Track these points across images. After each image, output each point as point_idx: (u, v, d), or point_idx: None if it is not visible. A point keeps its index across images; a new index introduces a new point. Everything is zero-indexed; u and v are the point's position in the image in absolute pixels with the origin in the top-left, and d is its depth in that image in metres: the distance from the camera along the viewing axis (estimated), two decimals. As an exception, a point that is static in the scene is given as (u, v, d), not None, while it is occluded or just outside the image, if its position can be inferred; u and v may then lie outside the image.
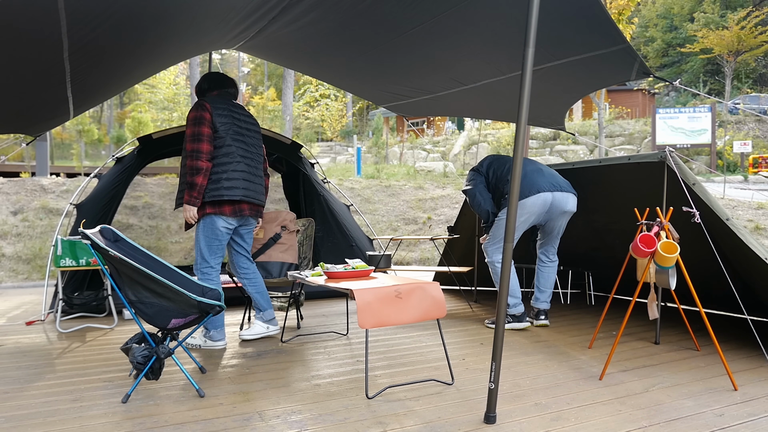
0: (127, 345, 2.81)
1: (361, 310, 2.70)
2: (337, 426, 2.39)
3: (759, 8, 25.41)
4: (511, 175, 2.46)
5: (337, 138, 29.12)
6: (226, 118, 3.59)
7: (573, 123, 21.03)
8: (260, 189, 3.77)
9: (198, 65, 15.88)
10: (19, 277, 7.11)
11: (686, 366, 3.27)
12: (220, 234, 3.59)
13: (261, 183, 3.79)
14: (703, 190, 3.37)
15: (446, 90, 4.72)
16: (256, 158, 3.77)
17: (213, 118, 3.53)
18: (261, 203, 3.79)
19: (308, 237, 4.51)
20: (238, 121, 3.68)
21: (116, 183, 4.99)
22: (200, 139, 3.48)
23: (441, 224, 9.68)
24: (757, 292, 3.87)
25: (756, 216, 9.26)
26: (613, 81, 3.89)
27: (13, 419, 2.47)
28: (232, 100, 3.77)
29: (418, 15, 3.42)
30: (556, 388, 2.87)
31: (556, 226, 4.35)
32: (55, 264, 4.31)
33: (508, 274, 2.45)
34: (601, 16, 3.02)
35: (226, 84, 3.80)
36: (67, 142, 20.85)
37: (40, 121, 4.21)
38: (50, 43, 2.75)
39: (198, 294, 3.02)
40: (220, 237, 3.60)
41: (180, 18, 3.15)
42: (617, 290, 5.48)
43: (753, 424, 2.41)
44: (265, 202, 3.91)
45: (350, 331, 4.21)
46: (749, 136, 17.16)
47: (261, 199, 3.78)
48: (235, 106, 3.72)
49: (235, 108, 3.72)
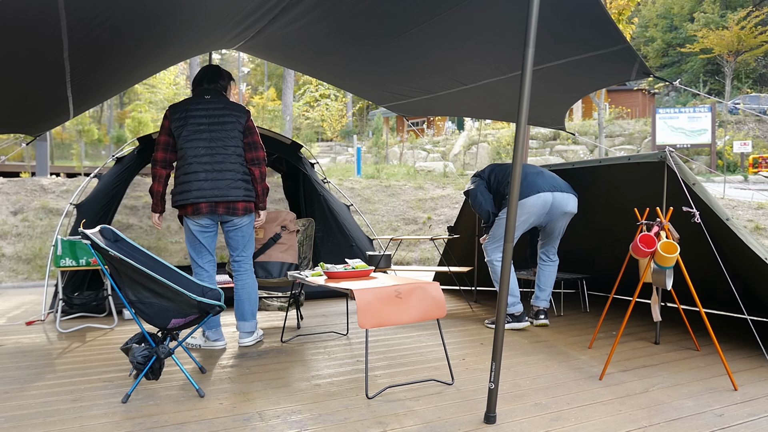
0: (127, 345, 2.81)
1: (361, 310, 2.70)
2: (337, 426, 2.39)
3: (759, 8, 25.41)
4: (511, 174, 2.46)
5: (337, 138, 29.12)
6: (180, 121, 3.57)
7: (573, 123, 21.04)
8: (222, 184, 3.53)
9: (198, 65, 15.89)
10: (19, 277, 7.11)
11: (686, 366, 3.27)
12: (194, 234, 3.62)
13: (225, 177, 3.54)
14: (703, 190, 3.37)
15: (446, 90, 4.72)
16: (219, 152, 3.55)
17: (170, 124, 3.60)
18: (220, 199, 3.53)
19: (308, 237, 4.51)
20: (198, 118, 3.55)
21: (116, 183, 4.99)
22: (156, 147, 3.63)
23: (441, 224, 9.68)
24: (757, 292, 3.87)
25: (756, 216, 9.26)
26: (613, 81, 3.89)
27: (13, 419, 2.47)
28: (205, 96, 3.62)
29: (418, 15, 3.42)
30: (556, 388, 2.87)
31: (556, 227, 4.36)
32: (55, 264, 4.31)
33: (508, 273, 2.45)
34: (601, 16, 3.02)
35: (203, 81, 3.69)
36: (67, 142, 20.86)
37: (40, 121, 4.21)
38: (50, 43, 2.75)
39: (198, 294, 3.02)
40: (197, 236, 3.62)
41: (180, 18, 3.15)
42: (617, 290, 5.48)
43: (753, 424, 2.41)
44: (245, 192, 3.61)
45: (350, 331, 4.21)
46: (749, 136, 17.16)
47: (218, 194, 3.52)
48: (199, 103, 3.59)
49: (199, 105, 3.58)
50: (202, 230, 3.62)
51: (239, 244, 3.72)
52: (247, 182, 3.64)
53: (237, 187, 3.57)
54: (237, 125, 3.62)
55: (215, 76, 3.72)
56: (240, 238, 3.71)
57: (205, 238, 3.63)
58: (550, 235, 4.43)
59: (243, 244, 3.73)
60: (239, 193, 3.58)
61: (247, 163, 3.67)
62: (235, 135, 3.61)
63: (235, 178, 3.57)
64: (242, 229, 3.69)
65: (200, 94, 3.64)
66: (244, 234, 3.71)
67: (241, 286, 3.76)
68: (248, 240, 3.75)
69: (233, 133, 3.60)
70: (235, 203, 3.59)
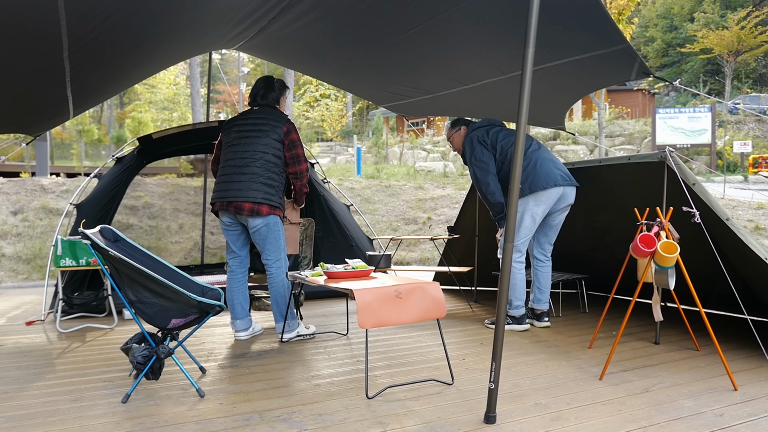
0: (127, 345, 2.81)
1: (361, 310, 2.70)
2: (337, 426, 2.39)
3: (759, 8, 25.41)
4: (511, 175, 2.45)
5: (337, 138, 29.11)
6: (225, 133, 3.92)
7: (573, 123, 21.04)
8: (239, 186, 3.65)
9: (198, 65, 15.87)
10: (19, 277, 7.11)
11: (686, 366, 3.27)
12: (222, 230, 3.93)
13: (244, 180, 3.66)
14: (703, 190, 3.37)
15: (446, 90, 4.72)
16: (247, 156, 3.70)
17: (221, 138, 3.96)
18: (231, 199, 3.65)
19: (308, 237, 4.51)
20: (238, 130, 3.82)
21: (116, 183, 4.99)
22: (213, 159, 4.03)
23: (441, 224, 9.68)
24: (757, 292, 3.87)
25: (756, 216, 9.26)
26: (613, 81, 3.89)
27: (13, 419, 2.47)
28: (253, 109, 3.91)
29: (418, 15, 3.42)
30: (556, 388, 2.87)
31: (558, 219, 4.21)
32: (55, 264, 4.31)
33: (508, 273, 2.44)
34: (601, 16, 3.02)
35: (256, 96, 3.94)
36: (67, 142, 20.86)
37: (40, 121, 4.21)
38: (50, 43, 2.75)
39: (198, 294, 3.02)
40: (224, 233, 3.93)
41: (180, 18, 3.15)
42: (617, 290, 5.48)
43: (753, 424, 2.41)
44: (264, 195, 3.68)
45: (350, 331, 4.21)
46: (749, 136, 17.16)
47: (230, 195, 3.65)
48: (246, 116, 3.87)
49: (242, 118, 3.86)
50: (225, 228, 3.88)
51: (260, 247, 3.81)
52: (270, 186, 3.71)
53: (256, 189, 3.66)
54: (272, 133, 3.76)
55: (267, 91, 3.91)
56: (260, 241, 3.76)
57: (229, 235, 3.89)
58: (550, 228, 4.26)
59: (263, 247, 3.78)
60: (257, 195, 3.65)
61: (290, 176, 3.89)
62: (267, 142, 3.74)
63: (256, 181, 3.67)
64: (259, 232, 3.73)
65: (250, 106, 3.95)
66: (262, 237, 3.74)
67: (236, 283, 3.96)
68: (267, 243, 3.75)
69: (265, 140, 3.74)
70: (242, 204, 3.65)
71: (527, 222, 4.03)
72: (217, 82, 28.92)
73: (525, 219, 4.02)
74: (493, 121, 4.31)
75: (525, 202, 4.01)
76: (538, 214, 4.00)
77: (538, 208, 3.98)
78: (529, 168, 4.03)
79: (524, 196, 4.00)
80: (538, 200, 3.97)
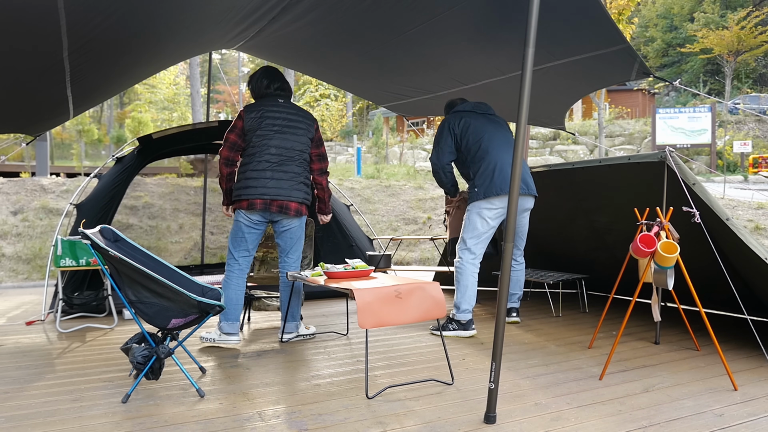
0: (127, 345, 2.81)
1: (361, 310, 2.70)
2: (337, 426, 2.39)
3: (759, 8, 25.40)
4: (512, 174, 2.45)
5: (337, 138, 29.11)
6: (255, 120, 3.68)
7: (573, 123, 21.04)
8: (285, 185, 3.66)
9: (198, 65, 15.88)
10: (19, 277, 7.11)
11: (686, 366, 3.27)
12: (242, 227, 3.71)
13: (286, 178, 3.67)
14: (703, 190, 3.37)
15: (446, 90, 4.72)
16: (285, 154, 3.68)
17: (244, 125, 3.70)
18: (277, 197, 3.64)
19: (308, 237, 4.52)
20: (273, 119, 3.68)
21: (116, 183, 4.99)
22: (224, 144, 3.73)
23: (441, 224, 9.68)
24: (757, 292, 3.87)
25: (756, 216, 9.26)
26: (613, 81, 3.89)
27: (13, 419, 2.47)
28: (278, 100, 3.76)
29: (418, 15, 3.42)
30: (556, 388, 2.87)
31: (520, 224, 4.30)
32: (55, 264, 4.31)
33: (508, 273, 2.45)
34: (601, 17, 3.02)
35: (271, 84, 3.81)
36: (67, 142, 20.85)
37: (40, 120, 4.21)
38: (50, 43, 2.75)
39: (198, 294, 3.02)
40: (244, 231, 3.71)
41: (180, 17, 3.15)
42: (617, 290, 5.48)
43: (753, 424, 2.41)
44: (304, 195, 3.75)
45: (350, 331, 4.21)
46: (749, 136, 17.16)
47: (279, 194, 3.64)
48: (274, 105, 3.72)
49: (274, 107, 3.71)
50: (251, 225, 3.72)
51: (288, 246, 3.83)
52: (307, 186, 3.81)
53: (299, 189, 3.73)
54: (307, 132, 3.79)
55: (284, 81, 3.84)
56: (288, 240, 3.82)
57: (250, 233, 3.74)
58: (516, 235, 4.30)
59: (291, 246, 3.83)
60: (299, 195, 3.73)
61: (314, 172, 3.87)
62: (303, 141, 3.78)
63: (297, 181, 3.73)
64: (292, 231, 3.80)
65: (273, 97, 3.78)
66: (293, 236, 3.82)
67: (282, 288, 3.90)
68: (296, 242, 3.85)
69: (303, 138, 3.77)
70: (288, 204, 3.69)
71: (477, 224, 4.06)
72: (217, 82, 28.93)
73: (475, 220, 4.08)
74: (477, 107, 4.25)
75: (477, 205, 4.07)
76: (490, 217, 4.04)
77: (490, 212, 4.03)
78: (488, 172, 4.06)
79: (478, 199, 4.05)
80: (490, 204, 4.02)
